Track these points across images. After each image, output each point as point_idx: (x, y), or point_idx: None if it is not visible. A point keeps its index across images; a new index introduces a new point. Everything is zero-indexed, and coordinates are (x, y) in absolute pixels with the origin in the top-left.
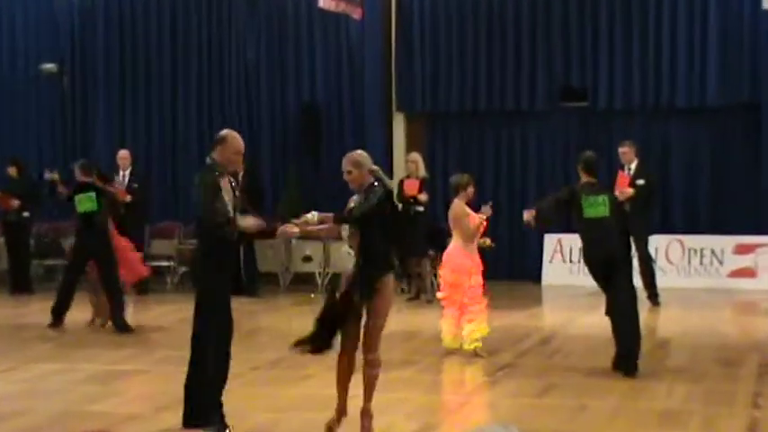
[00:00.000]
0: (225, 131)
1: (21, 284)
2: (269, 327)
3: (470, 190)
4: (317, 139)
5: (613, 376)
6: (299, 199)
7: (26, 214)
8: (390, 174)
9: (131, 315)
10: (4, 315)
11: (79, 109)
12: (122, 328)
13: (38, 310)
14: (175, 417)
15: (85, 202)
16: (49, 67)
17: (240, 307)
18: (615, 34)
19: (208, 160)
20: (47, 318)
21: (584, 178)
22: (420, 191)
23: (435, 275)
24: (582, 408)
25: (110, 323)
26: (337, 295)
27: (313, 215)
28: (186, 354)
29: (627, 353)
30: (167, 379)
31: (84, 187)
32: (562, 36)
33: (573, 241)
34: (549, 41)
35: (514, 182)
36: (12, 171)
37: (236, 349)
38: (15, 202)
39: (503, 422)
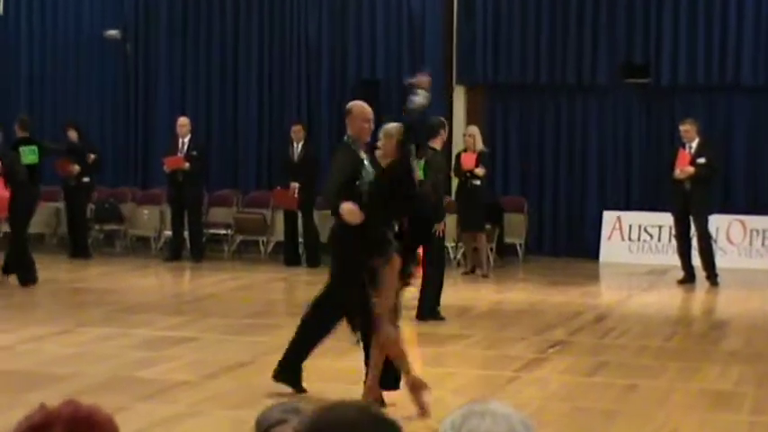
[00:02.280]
0: (350, 103)
1: (79, 249)
2: None
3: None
4: (376, 115)
5: (666, 357)
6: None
7: (86, 180)
8: (449, 147)
9: (187, 282)
10: (62, 279)
11: (141, 75)
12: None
13: (95, 274)
14: (223, 384)
15: (29, 155)
16: (113, 33)
17: (298, 278)
18: (680, 9)
19: (345, 138)
20: (104, 282)
21: None
22: (477, 164)
23: (492, 250)
24: (633, 387)
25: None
26: None
27: None
28: (237, 322)
29: None
30: (217, 347)
31: (24, 141)
32: (626, 10)
33: (633, 218)
34: (612, 15)
35: (575, 157)
36: (72, 135)
37: (292, 319)
38: (75, 168)
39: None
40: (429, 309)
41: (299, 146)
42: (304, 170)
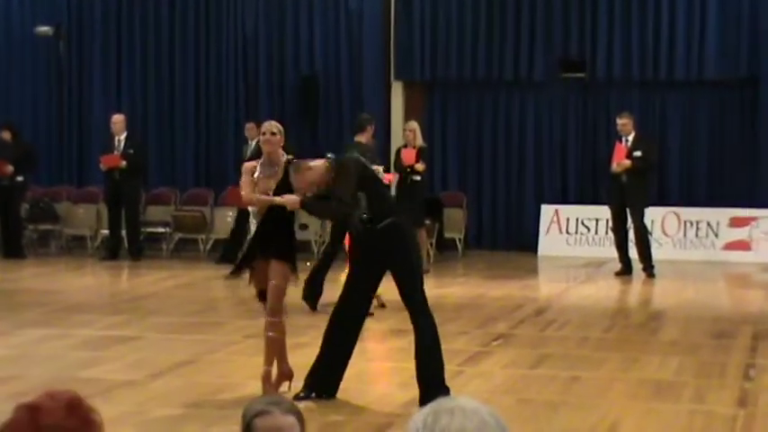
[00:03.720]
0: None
1: (13, 250)
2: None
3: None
4: (314, 110)
5: (607, 348)
6: None
7: (20, 179)
8: (388, 143)
9: (126, 281)
10: None
11: (75, 73)
12: None
13: (31, 275)
14: (167, 384)
15: None
16: (45, 29)
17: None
18: (615, 5)
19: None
20: (40, 283)
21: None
22: (417, 160)
23: (432, 245)
24: (575, 379)
25: None
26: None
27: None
28: (179, 321)
29: None
30: (159, 346)
31: None
32: (562, 6)
33: (570, 212)
34: (548, 11)
35: (512, 152)
36: (5, 135)
37: (235, 317)
38: (9, 168)
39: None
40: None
41: (254, 144)
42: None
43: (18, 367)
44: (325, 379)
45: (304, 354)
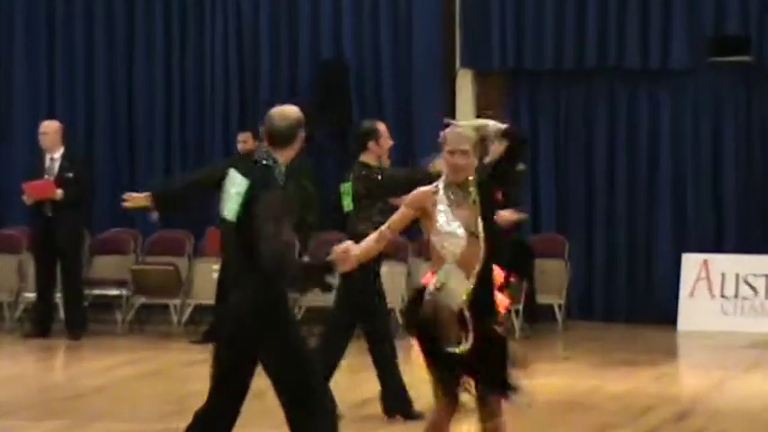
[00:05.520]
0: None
1: None
2: None
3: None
4: (341, 106)
5: None
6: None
7: None
8: None
9: (62, 369)
10: None
11: None
12: None
13: None
14: None
15: None
16: None
17: None
18: None
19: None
20: None
21: None
22: (504, 195)
23: (517, 313)
24: None
25: None
26: None
27: None
28: (140, 428)
29: None
30: None
31: None
32: None
33: (726, 265)
34: None
35: (637, 172)
36: None
37: None
38: None
39: None
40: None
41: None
42: None
43: None
44: None
45: None
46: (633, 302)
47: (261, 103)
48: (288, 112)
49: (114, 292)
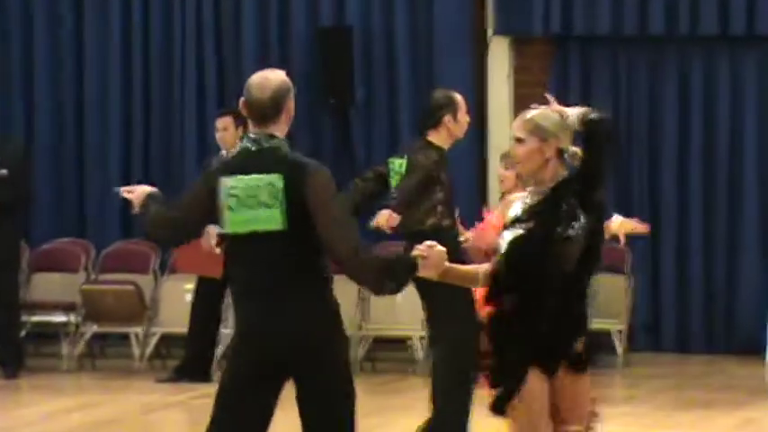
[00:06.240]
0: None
1: None
2: None
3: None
4: (344, 82)
5: None
6: None
7: None
8: (482, 132)
9: None
10: None
11: None
12: None
13: None
14: None
15: None
16: None
17: (204, 400)
18: None
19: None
20: None
21: None
22: None
23: None
24: None
25: None
26: None
27: None
28: None
29: None
30: None
31: None
32: None
33: None
34: None
35: (716, 164)
36: None
37: None
38: None
39: None
40: None
41: (236, 153)
42: None
43: None
44: None
45: None
46: (712, 328)
47: (242, 76)
48: (270, 79)
49: (59, 318)
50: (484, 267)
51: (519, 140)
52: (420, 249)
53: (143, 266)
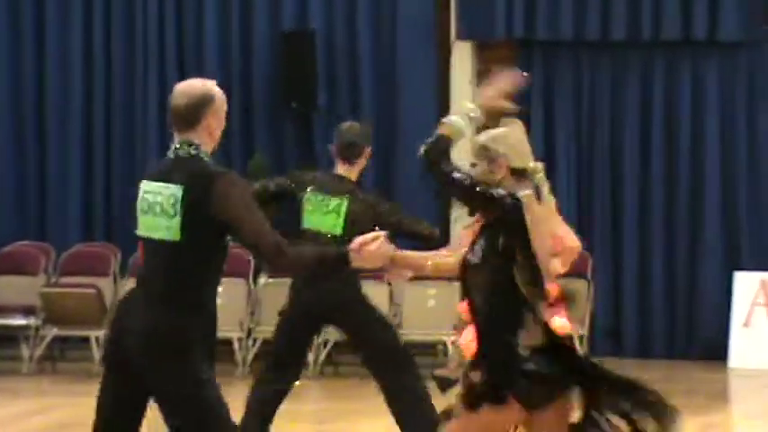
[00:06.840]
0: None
1: None
2: None
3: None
4: (308, 87)
5: None
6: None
7: None
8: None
9: None
10: None
11: None
12: None
13: None
14: None
15: None
16: None
17: None
18: None
19: None
20: None
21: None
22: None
23: None
24: None
25: None
26: None
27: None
28: None
29: None
30: None
31: None
32: None
33: None
34: None
35: (678, 169)
36: None
37: None
38: None
39: None
40: None
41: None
42: None
43: None
44: None
45: None
46: (673, 334)
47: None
48: (193, 86)
49: (19, 321)
50: (439, 255)
51: (473, 165)
52: (355, 244)
53: (103, 269)
